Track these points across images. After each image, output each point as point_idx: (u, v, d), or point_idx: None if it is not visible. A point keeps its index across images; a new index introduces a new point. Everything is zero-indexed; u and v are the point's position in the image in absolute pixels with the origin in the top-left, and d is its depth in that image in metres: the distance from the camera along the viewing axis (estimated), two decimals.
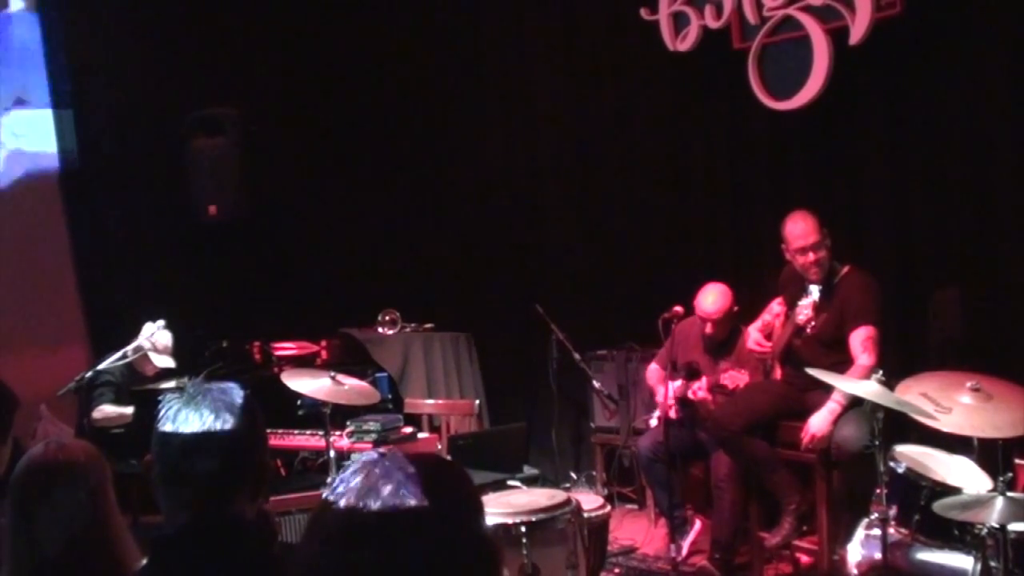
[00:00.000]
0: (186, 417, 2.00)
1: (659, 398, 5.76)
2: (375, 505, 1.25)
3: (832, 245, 5.10)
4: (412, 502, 1.26)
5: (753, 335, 5.43)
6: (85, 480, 2.51)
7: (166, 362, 6.36)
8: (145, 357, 6.29)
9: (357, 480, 1.29)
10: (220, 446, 1.99)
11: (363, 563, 1.24)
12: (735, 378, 5.31)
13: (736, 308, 5.63)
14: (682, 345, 5.73)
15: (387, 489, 1.27)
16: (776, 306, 5.47)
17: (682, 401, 5.67)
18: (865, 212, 5.85)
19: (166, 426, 2.01)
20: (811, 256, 5.04)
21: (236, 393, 2.08)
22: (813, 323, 5.04)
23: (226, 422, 2.00)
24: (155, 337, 6.31)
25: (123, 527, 2.58)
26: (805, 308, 5.03)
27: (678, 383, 5.66)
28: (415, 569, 1.24)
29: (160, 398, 2.08)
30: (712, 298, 5.57)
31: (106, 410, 6.23)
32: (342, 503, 1.28)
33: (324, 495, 1.33)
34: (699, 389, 5.52)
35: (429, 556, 1.25)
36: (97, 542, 2.48)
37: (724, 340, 5.67)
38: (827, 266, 5.08)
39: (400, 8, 8.24)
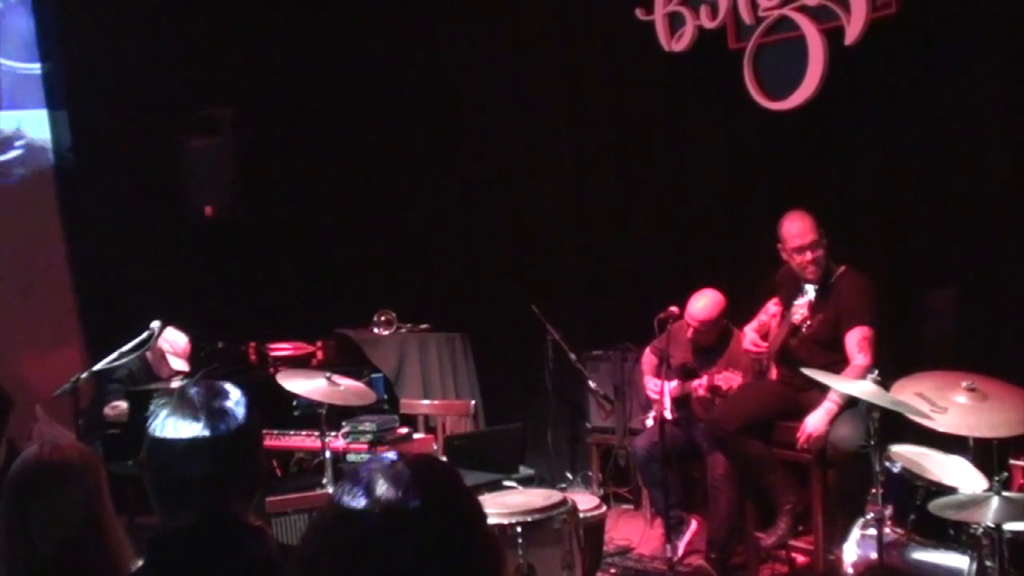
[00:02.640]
0: (175, 425, 1.98)
1: (651, 387, 5.79)
2: (378, 508, 1.25)
3: (828, 245, 5.10)
4: (415, 504, 1.26)
5: (749, 335, 5.44)
6: (80, 481, 2.51)
7: (181, 365, 6.39)
8: (163, 359, 6.32)
9: (363, 483, 1.29)
10: (211, 452, 1.97)
11: (367, 564, 1.24)
12: (729, 379, 5.31)
13: (724, 321, 5.63)
14: (677, 345, 5.74)
15: (390, 491, 1.27)
16: (772, 306, 5.48)
17: (678, 401, 5.68)
18: (860, 212, 5.86)
19: (156, 433, 1.99)
20: (808, 255, 5.04)
21: (227, 396, 2.05)
22: (809, 322, 5.05)
23: (216, 429, 1.98)
24: (173, 339, 6.34)
25: (118, 528, 2.58)
26: (801, 308, 5.03)
27: (674, 383, 5.66)
28: (419, 570, 1.24)
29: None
30: (701, 303, 5.57)
31: (121, 406, 6.24)
32: (345, 505, 1.28)
33: (330, 496, 1.32)
34: (700, 387, 5.52)
35: (431, 557, 1.25)
36: (92, 543, 2.48)
37: (711, 347, 5.67)
38: (824, 265, 5.08)
39: (398, 8, 8.24)
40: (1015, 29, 5.20)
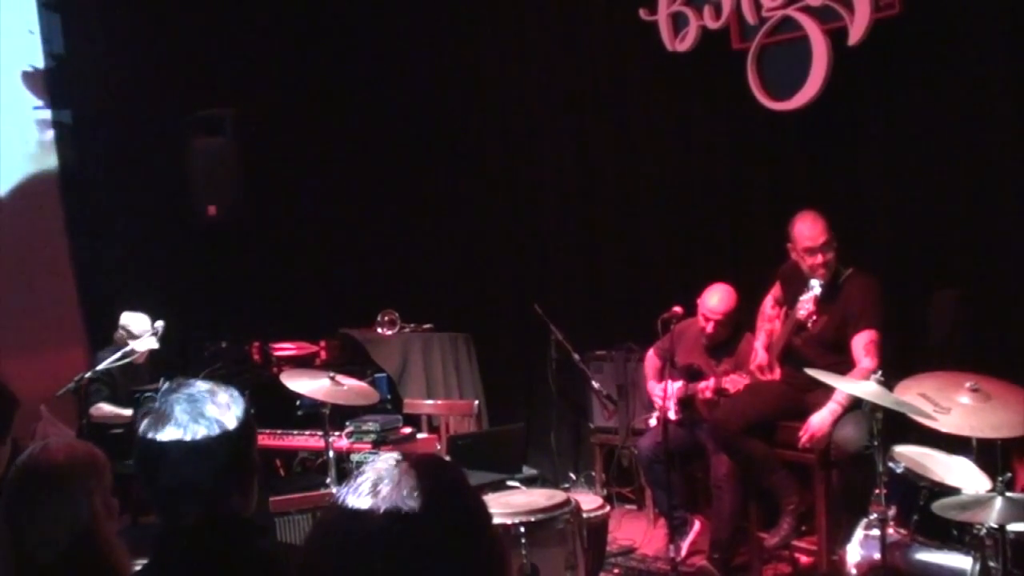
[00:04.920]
0: (157, 431, 1.98)
1: (653, 391, 5.80)
2: (383, 508, 1.25)
3: (838, 247, 5.09)
4: (419, 504, 1.26)
5: (760, 354, 5.39)
6: (80, 483, 2.48)
7: (149, 344, 6.40)
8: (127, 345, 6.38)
9: (367, 483, 1.29)
10: (192, 458, 1.97)
11: (371, 565, 1.24)
12: (736, 382, 5.31)
13: (738, 313, 5.63)
14: (682, 345, 5.73)
15: (394, 491, 1.27)
16: (768, 309, 5.47)
17: (682, 402, 5.67)
18: (864, 212, 5.85)
19: (141, 438, 2.00)
20: (819, 257, 5.00)
21: (211, 398, 2.02)
22: (815, 318, 5.03)
23: (195, 434, 1.97)
24: (126, 323, 6.42)
25: (111, 531, 2.55)
26: (806, 303, 5.00)
27: (678, 384, 5.66)
28: (423, 571, 1.24)
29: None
30: (717, 297, 5.56)
31: (103, 408, 6.25)
32: (349, 505, 1.28)
33: (333, 496, 1.33)
34: (706, 389, 5.51)
35: (435, 557, 1.25)
36: (89, 546, 2.46)
37: (724, 341, 5.67)
38: (834, 267, 5.06)
39: (399, 9, 8.25)
40: (1018, 29, 5.20)
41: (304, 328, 7.59)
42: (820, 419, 4.90)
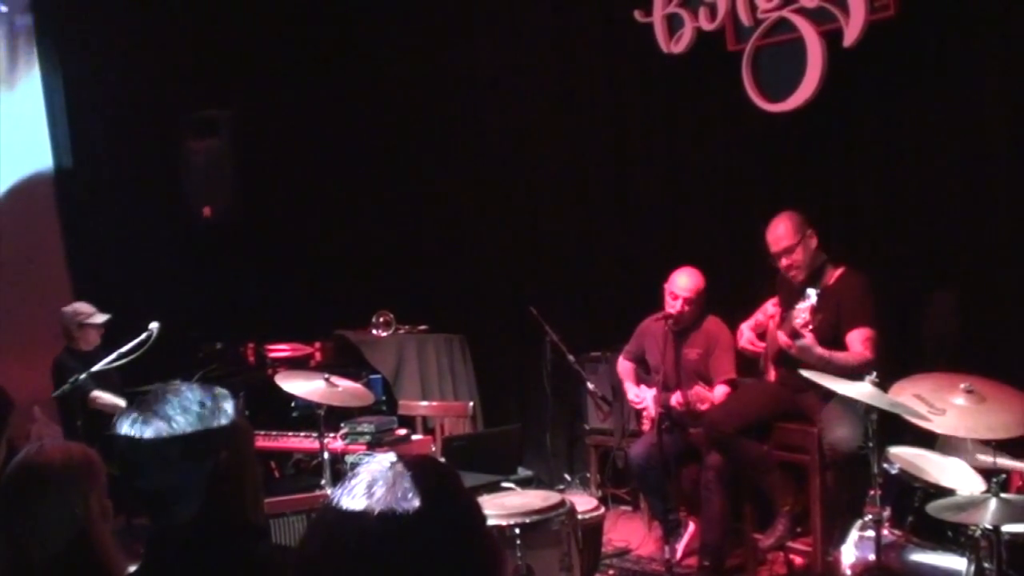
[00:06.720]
0: (125, 428, 1.99)
1: (630, 393, 5.84)
2: (377, 509, 1.25)
3: (825, 246, 5.10)
4: (413, 505, 1.26)
5: (746, 334, 5.43)
6: (75, 484, 2.48)
7: (97, 318, 6.50)
8: (80, 329, 6.44)
9: (361, 484, 1.29)
10: (152, 456, 1.96)
11: (365, 566, 1.24)
12: (701, 395, 5.33)
13: (704, 296, 5.67)
14: (648, 341, 5.77)
15: (388, 493, 1.27)
16: (771, 307, 5.47)
17: (665, 408, 5.67)
18: (859, 214, 5.86)
19: (116, 436, 2.01)
20: (783, 261, 5.07)
21: (173, 399, 2.00)
22: (811, 327, 5.03)
23: (151, 433, 1.96)
24: (75, 311, 6.48)
25: (106, 532, 2.54)
26: (803, 312, 4.99)
27: (653, 391, 5.64)
28: (417, 572, 1.25)
29: None
30: (686, 277, 5.61)
31: (102, 396, 6.18)
32: (344, 506, 1.28)
33: (328, 497, 1.33)
34: (678, 404, 5.54)
35: (430, 559, 1.25)
36: (84, 547, 2.45)
37: (690, 325, 5.68)
38: (806, 269, 5.07)
39: (396, 9, 8.25)
40: (1014, 30, 5.21)
41: (299, 329, 7.59)
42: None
